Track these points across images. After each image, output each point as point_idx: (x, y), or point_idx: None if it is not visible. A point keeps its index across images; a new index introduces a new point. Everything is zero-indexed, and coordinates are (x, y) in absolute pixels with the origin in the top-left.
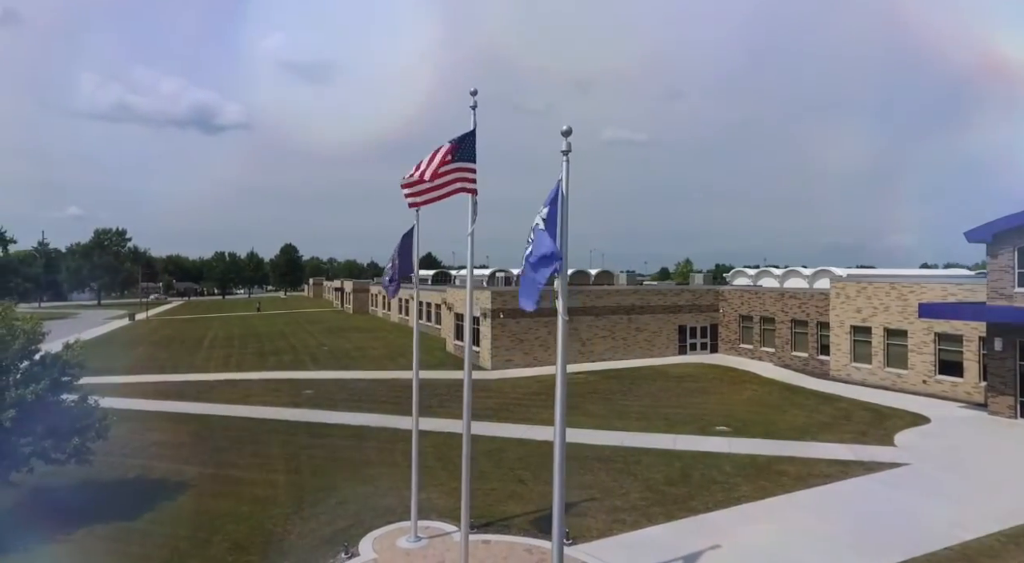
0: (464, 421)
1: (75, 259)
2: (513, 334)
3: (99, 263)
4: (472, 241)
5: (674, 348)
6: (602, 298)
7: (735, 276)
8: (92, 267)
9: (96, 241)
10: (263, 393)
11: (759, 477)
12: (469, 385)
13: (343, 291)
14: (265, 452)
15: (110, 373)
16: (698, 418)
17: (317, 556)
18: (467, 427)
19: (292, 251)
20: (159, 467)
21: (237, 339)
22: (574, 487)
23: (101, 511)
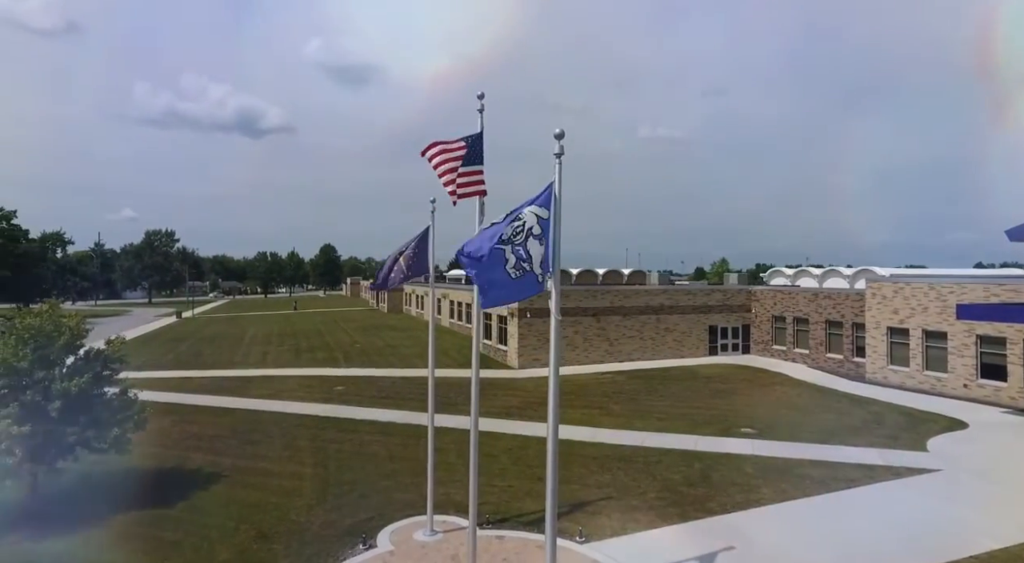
0: (472, 418)
1: (128, 259)
2: (540, 333)
3: (149, 263)
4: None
5: (704, 349)
6: (630, 298)
7: (772, 276)
8: (143, 267)
9: (147, 242)
10: (296, 389)
11: (780, 480)
12: (476, 383)
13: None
14: (294, 445)
15: (156, 368)
16: (722, 419)
17: (337, 546)
18: (474, 423)
19: (331, 251)
20: (196, 458)
21: (275, 337)
22: (592, 486)
23: (140, 498)
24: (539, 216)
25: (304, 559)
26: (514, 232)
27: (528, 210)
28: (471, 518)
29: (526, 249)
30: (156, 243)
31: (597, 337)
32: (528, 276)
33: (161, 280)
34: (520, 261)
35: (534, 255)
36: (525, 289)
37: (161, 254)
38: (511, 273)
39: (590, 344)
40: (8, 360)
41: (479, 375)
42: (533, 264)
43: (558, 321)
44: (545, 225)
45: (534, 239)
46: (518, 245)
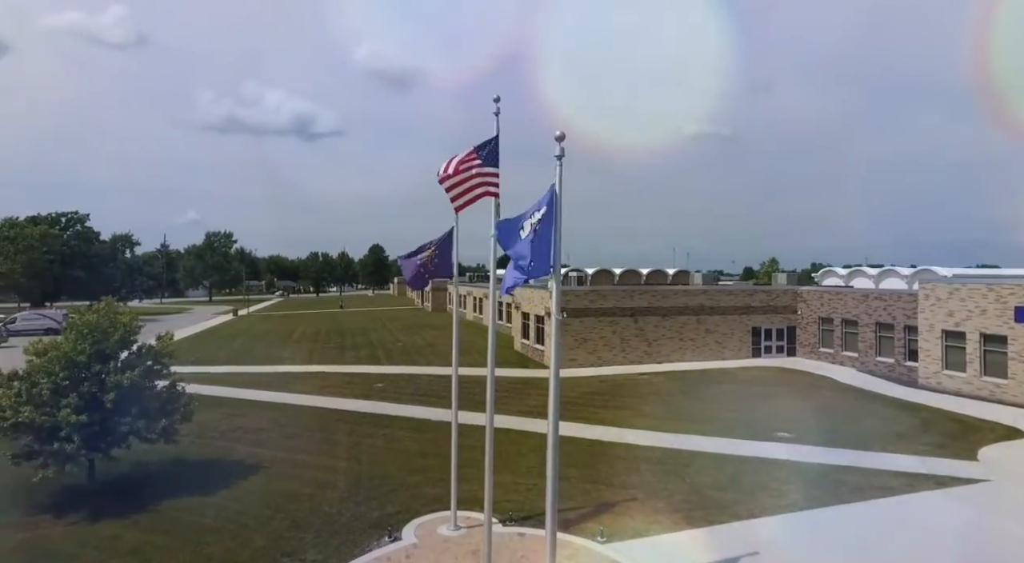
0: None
1: (190, 259)
2: (576, 333)
3: (210, 263)
4: (495, 242)
5: (747, 350)
6: (669, 298)
7: (824, 276)
8: (204, 267)
9: (207, 243)
10: (338, 385)
11: (813, 486)
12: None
13: (422, 289)
14: (331, 440)
15: (210, 363)
16: (758, 423)
17: (364, 538)
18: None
19: (379, 251)
20: (239, 449)
21: (323, 335)
22: (617, 487)
23: (186, 486)
24: (536, 215)
25: (332, 549)
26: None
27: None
28: (486, 513)
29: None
30: (216, 244)
31: (635, 337)
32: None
33: (220, 279)
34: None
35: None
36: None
37: (220, 254)
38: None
39: (627, 344)
40: (69, 354)
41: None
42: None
43: (559, 320)
44: (543, 225)
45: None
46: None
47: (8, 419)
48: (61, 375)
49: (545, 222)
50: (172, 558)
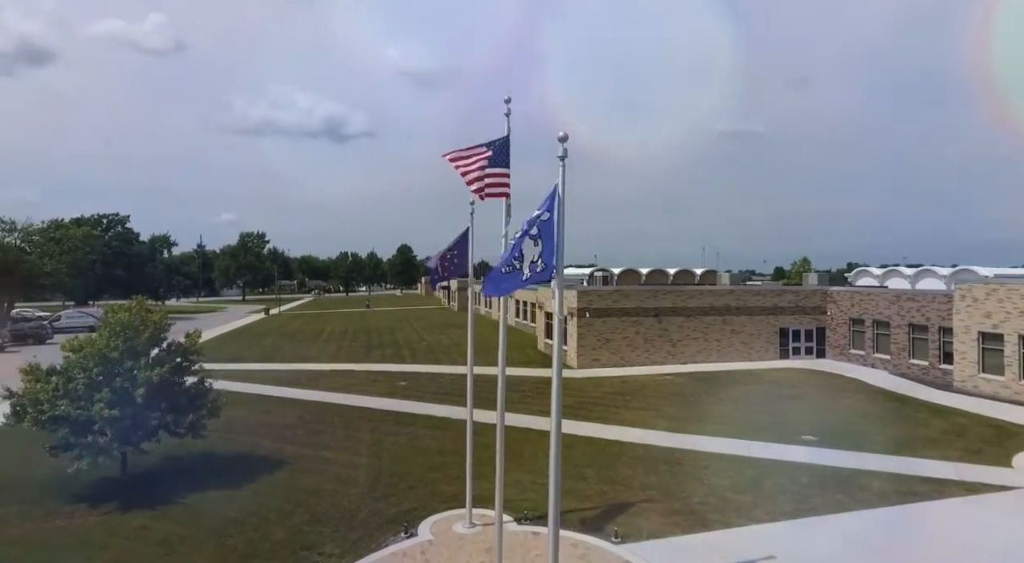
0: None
1: (224, 259)
2: (600, 334)
3: (243, 263)
4: (507, 242)
5: (774, 352)
6: (694, 298)
7: (858, 276)
8: (238, 266)
9: (241, 244)
10: (363, 383)
11: (836, 490)
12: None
13: (449, 289)
14: (354, 437)
15: (241, 361)
16: (784, 425)
17: (381, 533)
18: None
19: (407, 251)
20: (265, 445)
21: (350, 333)
22: (635, 487)
23: (213, 479)
24: (540, 218)
25: (349, 543)
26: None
27: (535, 214)
28: (496, 511)
29: (520, 249)
30: (249, 244)
31: (659, 338)
32: (515, 273)
33: (253, 279)
34: (513, 259)
35: (526, 255)
36: (510, 284)
37: (253, 255)
38: (502, 269)
39: (651, 345)
40: (102, 350)
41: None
42: (524, 263)
43: (562, 320)
44: (544, 226)
45: (530, 239)
46: (516, 246)
47: (46, 412)
48: (95, 371)
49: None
50: (196, 549)
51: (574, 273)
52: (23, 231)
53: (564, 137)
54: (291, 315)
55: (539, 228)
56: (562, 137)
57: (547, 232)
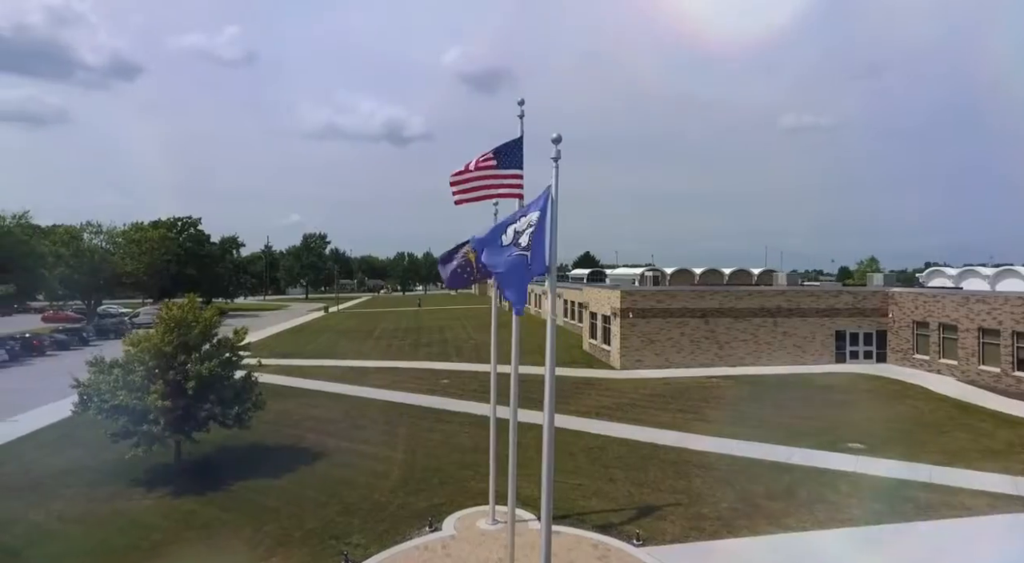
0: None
1: (288, 259)
2: (644, 334)
3: (306, 263)
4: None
5: (830, 355)
6: (743, 299)
7: (931, 276)
8: (301, 266)
9: (304, 244)
10: (408, 380)
11: (877, 501)
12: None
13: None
14: (392, 432)
15: (297, 357)
16: (829, 432)
17: (407, 526)
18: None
19: None
20: (309, 438)
21: (401, 331)
22: (664, 491)
23: (258, 469)
24: (530, 218)
25: (376, 534)
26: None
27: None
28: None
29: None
30: (312, 245)
31: (706, 340)
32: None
33: (316, 278)
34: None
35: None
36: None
37: (315, 254)
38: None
39: (697, 347)
40: (158, 345)
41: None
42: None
43: (554, 320)
44: (539, 228)
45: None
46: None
47: (107, 402)
48: (151, 364)
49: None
50: (235, 534)
51: (626, 273)
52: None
53: (558, 139)
54: (348, 313)
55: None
56: (555, 139)
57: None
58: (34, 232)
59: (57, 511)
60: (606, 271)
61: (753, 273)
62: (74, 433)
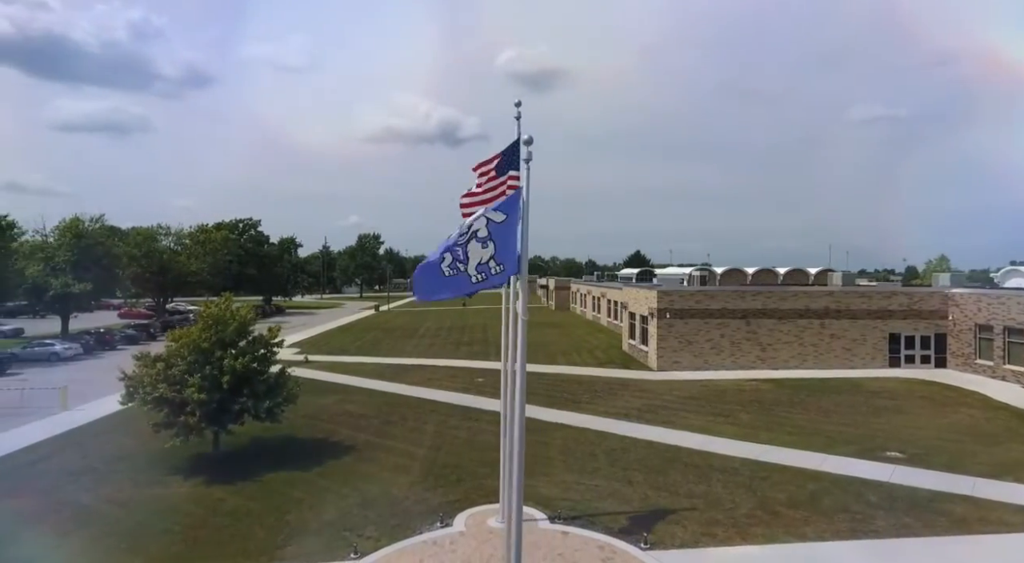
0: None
1: (344, 259)
2: (681, 335)
3: (360, 262)
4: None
5: (882, 359)
6: (787, 300)
7: (1007, 276)
8: (356, 266)
9: (359, 244)
10: (443, 378)
11: (907, 513)
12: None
13: (547, 288)
14: (420, 428)
15: (343, 353)
16: (868, 439)
17: (419, 521)
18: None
19: None
20: (341, 432)
21: (444, 330)
22: (681, 495)
23: (290, 461)
24: (491, 219)
25: (388, 528)
26: (459, 234)
27: (491, 214)
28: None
29: (465, 251)
30: (366, 245)
31: (747, 341)
32: (460, 276)
33: (369, 277)
34: (456, 261)
35: (472, 257)
36: (457, 287)
37: (370, 254)
38: (445, 271)
39: (738, 348)
40: (196, 341)
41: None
42: (468, 265)
43: (525, 321)
44: (497, 229)
45: (476, 242)
46: (457, 247)
47: (150, 394)
48: (190, 359)
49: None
50: (258, 522)
51: (674, 272)
52: (176, 235)
53: (529, 140)
54: (398, 312)
55: (489, 230)
56: (527, 140)
57: (501, 233)
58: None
59: (105, 495)
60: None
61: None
62: (129, 423)
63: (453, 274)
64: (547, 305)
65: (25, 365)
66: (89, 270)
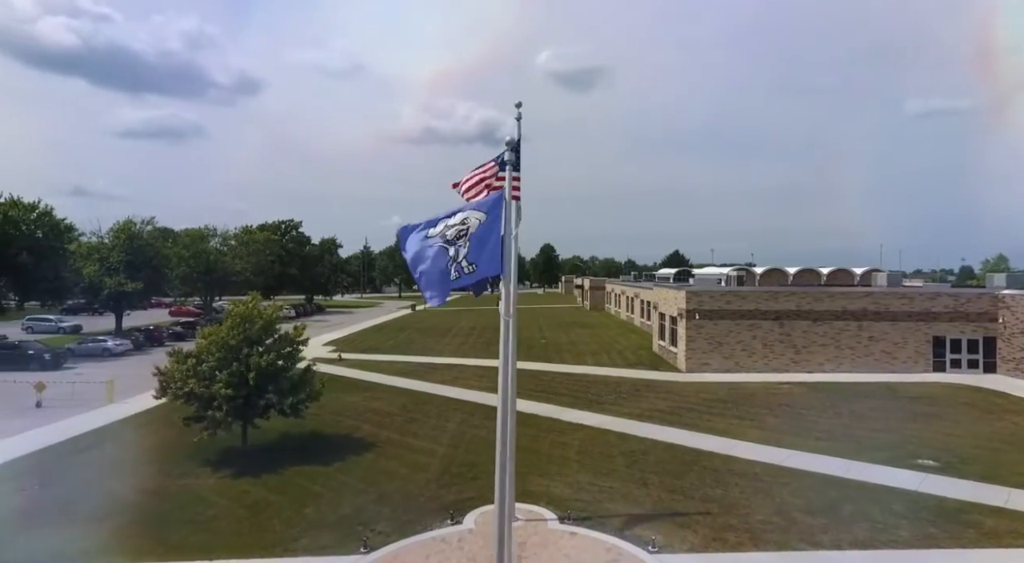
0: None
1: (383, 259)
2: (711, 336)
3: (400, 262)
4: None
5: (925, 364)
6: (821, 301)
7: None
8: (395, 266)
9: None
10: (470, 378)
11: (933, 524)
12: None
13: (582, 288)
14: (442, 426)
15: (375, 352)
16: (902, 446)
17: (431, 518)
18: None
19: (550, 250)
20: (364, 429)
21: (477, 330)
22: (696, 498)
23: (313, 456)
24: (467, 221)
25: (400, 523)
26: (457, 234)
27: (471, 213)
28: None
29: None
30: None
31: (780, 343)
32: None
33: (408, 277)
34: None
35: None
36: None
37: None
38: (451, 274)
39: (771, 351)
40: (224, 338)
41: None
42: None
43: (507, 322)
44: (477, 228)
45: (458, 241)
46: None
47: (180, 389)
48: (218, 355)
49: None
50: (276, 514)
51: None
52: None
53: (511, 141)
54: (434, 311)
55: (468, 229)
56: (509, 141)
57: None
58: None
59: (137, 484)
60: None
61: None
62: (168, 416)
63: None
64: (582, 305)
65: (80, 360)
66: (140, 270)
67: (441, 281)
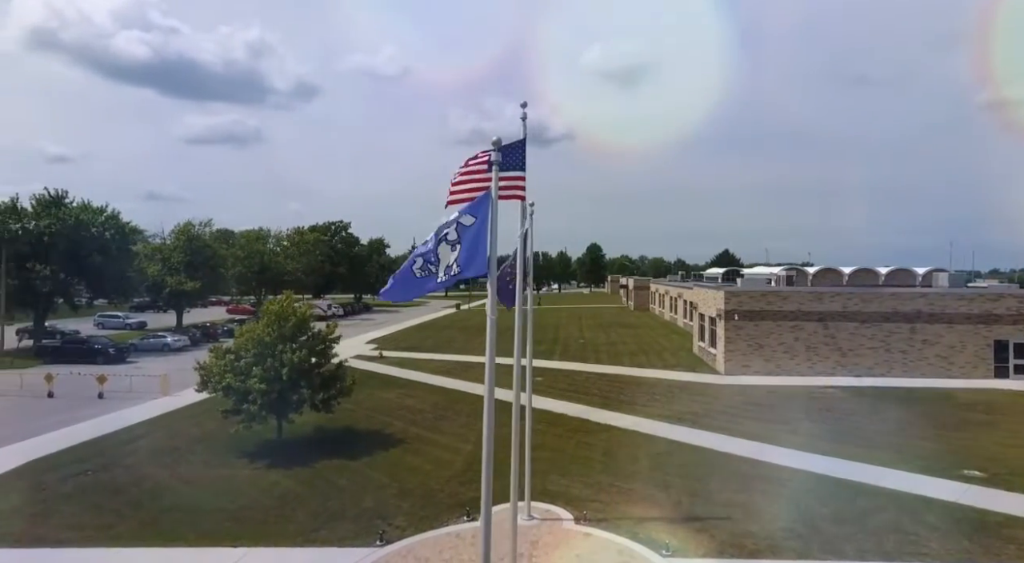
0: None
1: None
2: (751, 338)
3: None
4: (524, 244)
5: (986, 369)
6: (870, 302)
7: None
8: None
9: None
10: (503, 376)
11: (969, 537)
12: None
13: (627, 288)
14: (469, 424)
15: (415, 350)
16: (947, 456)
17: (447, 514)
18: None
19: (596, 250)
20: (395, 425)
21: None
22: (717, 503)
23: (343, 451)
24: (461, 223)
25: (418, 519)
26: (451, 237)
27: (465, 217)
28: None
29: (436, 254)
30: None
31: (824, 346)
32: (431, 278)
33: None
34: (428, 263)
35: (442, 259)
36: (424, 287)
37: None
38: (416, 272)
39: (814, 353)
40: (260, 335)
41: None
42: (439, 268)
43: (493, 321)
44: (465, 231)
45: (447, 245)
46: (430, 252)
47: (219, 383)
48: (254, 351)
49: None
50: (301, 505)
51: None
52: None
53: (498, 141)
54: (478, 310)
55: (459, 233)
56: (495, 141)
57: (468, 236)
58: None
59: (179, 473)
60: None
61: (917, 273)
62: (213, 409)
63: (424, 276)
64: (626, 305)
65: (141, 354)
66: (199, 270)
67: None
